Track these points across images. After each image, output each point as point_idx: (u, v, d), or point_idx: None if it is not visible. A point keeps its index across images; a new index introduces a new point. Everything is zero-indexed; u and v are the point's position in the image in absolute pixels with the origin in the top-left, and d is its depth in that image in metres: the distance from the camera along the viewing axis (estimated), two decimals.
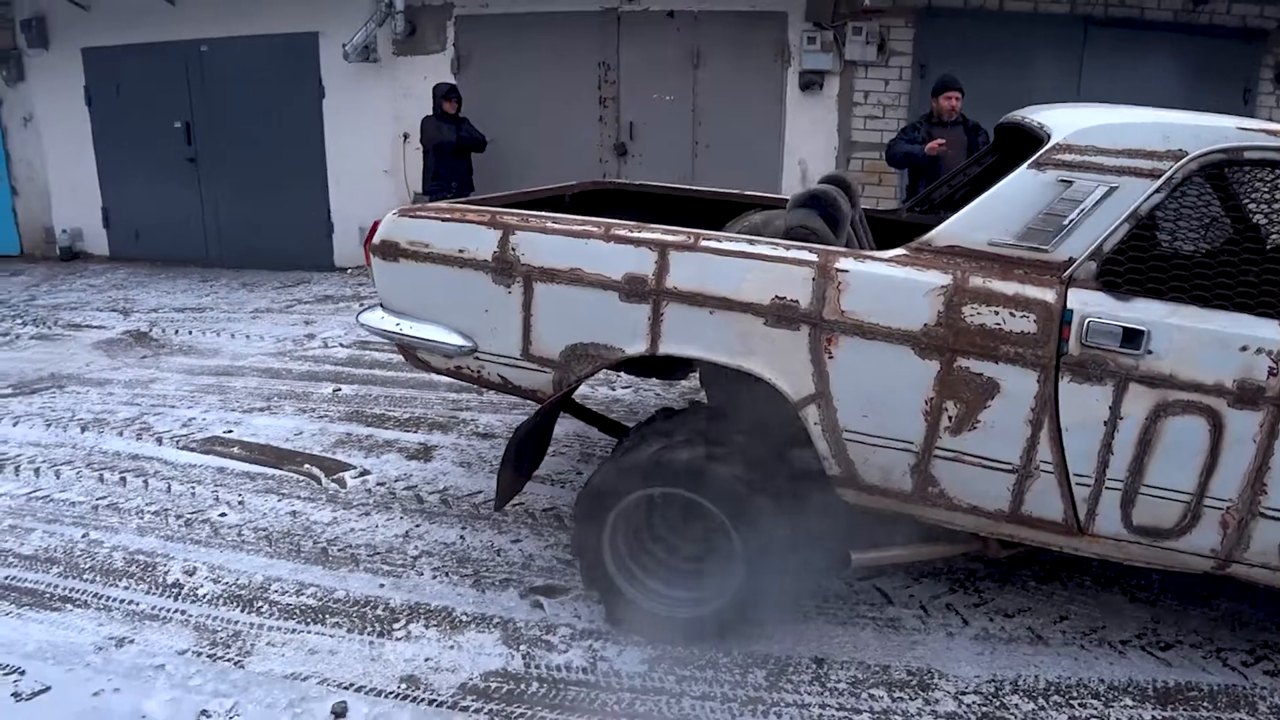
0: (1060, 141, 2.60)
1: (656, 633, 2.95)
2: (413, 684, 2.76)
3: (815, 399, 2.70)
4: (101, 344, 6.86)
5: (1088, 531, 2.65)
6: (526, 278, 2.91)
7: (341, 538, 3.68)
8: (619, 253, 2.82)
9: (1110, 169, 2.52)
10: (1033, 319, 2.51)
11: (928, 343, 2.58)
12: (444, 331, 3.09)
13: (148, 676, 2.82)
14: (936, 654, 2.95)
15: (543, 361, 2.98)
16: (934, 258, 2.64)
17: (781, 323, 2.67)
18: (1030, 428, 2.57)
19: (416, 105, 8.73)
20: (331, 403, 5.35)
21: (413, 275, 3.10)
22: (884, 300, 2.61)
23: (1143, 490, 2.56)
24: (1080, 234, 2.53)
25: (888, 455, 2.71)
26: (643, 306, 2.79)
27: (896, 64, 7.77)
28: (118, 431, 4.93)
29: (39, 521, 3.89)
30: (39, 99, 10.27)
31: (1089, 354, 2.49)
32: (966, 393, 2.59)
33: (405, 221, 3.09)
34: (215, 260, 9.93)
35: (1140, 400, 2.49)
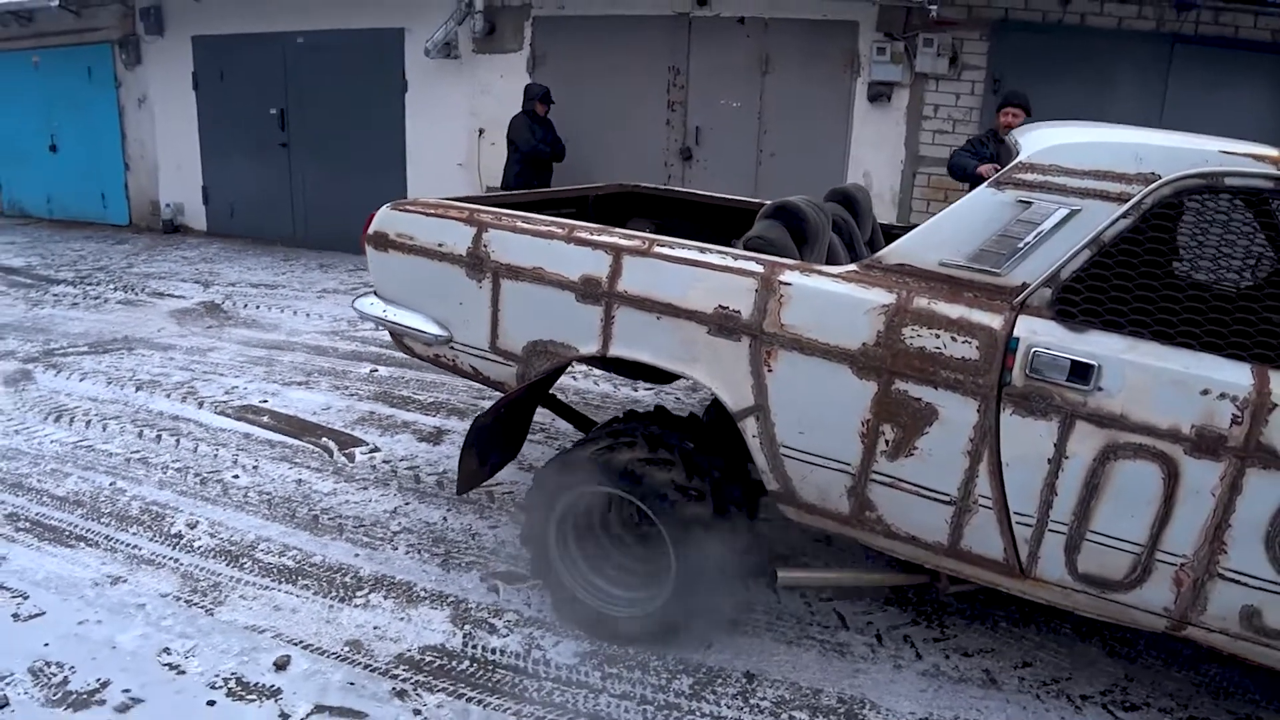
0: (1023, 160, 2.47)
1: (594, 628, 3.02)
2: (355, 648, 2.94)
3: (754, 411, 2.70)
4: (176, 313, 7.31)
5: (1030, 575, 2.51)
6: (495, 273, 3.04)
7: (335, 508, 3.89)
8: (578, 254, 2.90)
9: (1073, 190, 2.37)
10: (975, 345, 2.40)
11: (865, 362, 2.51)
12: (424, 320, 3.26)
13: (129, 613, 3.09)
14: (876, 685, 2.89)
15: (507, 355, 3.10)
16: (882, 275, 2.57)
17: (723, 332, 2.68)
18: (969, 459, 2.46)
19: (493, 101, 9.00)
20: (365, 382, 5.60)
21: (400, 265, 3.27)
22: (824, 316, 2.57)
23: (1089, 536, 2.40)
24: (1036, 258, 2.40)
25: (825, 475, 2.67)
26: (596, 308, 2.86)
27: (969, 78, 7.62)
28: (166, 393, 5.28)
29: (77, 468, 4.24)
30: (152, 82, 10.95)
31: (1033, 386, 2.36)
32: (904, 417, 2.50)
33: (396, 214, 3.27)
34: (300, 240, 10.42)
35: (1088, 439, 2.34)
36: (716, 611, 2.89)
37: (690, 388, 5.52)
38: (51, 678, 2.74)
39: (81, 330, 6.73)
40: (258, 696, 2.69)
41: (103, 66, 11.35)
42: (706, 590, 2.79)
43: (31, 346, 6.27)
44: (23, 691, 2.68)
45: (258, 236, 10.68)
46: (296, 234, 10.45)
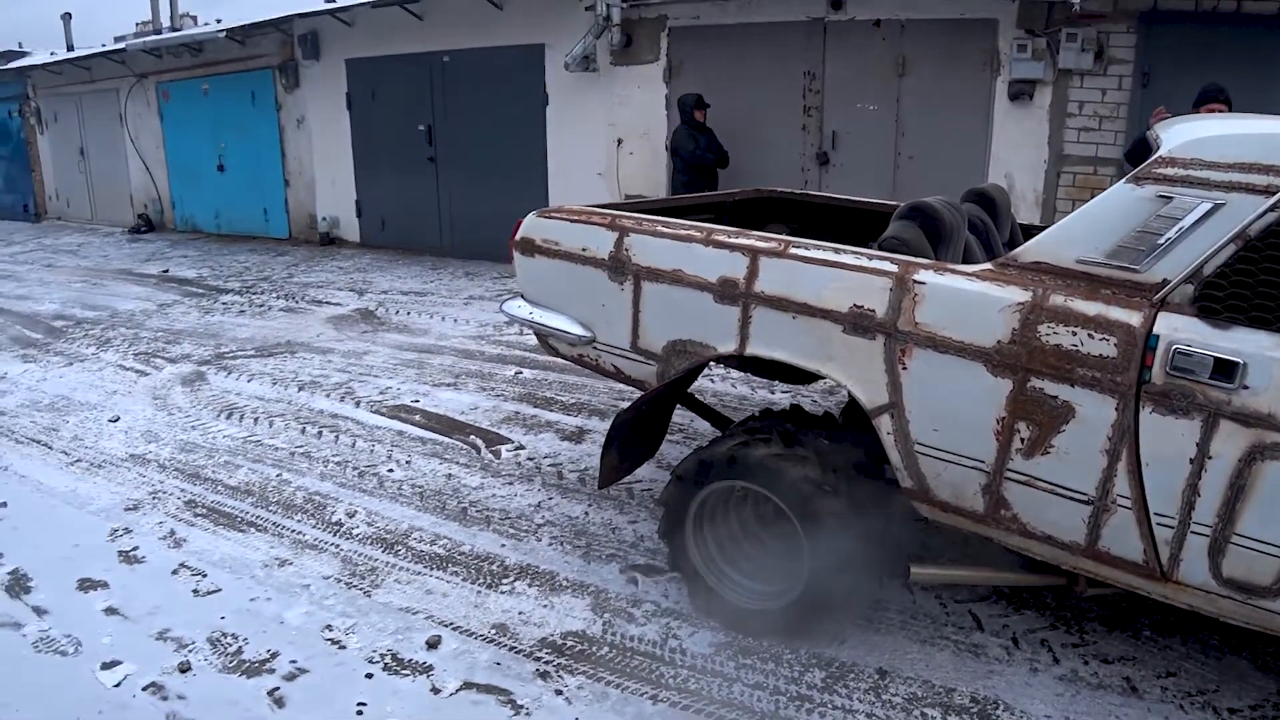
0: (1164, 154, 2.40)
1: (728, 618, 3.09)
2: (501, 631, 3.10)
3: (888, 409, 2.72)
4: (333, 319, 7.77)
5: (1172, 578, 2.42)
6: (636, 276, 3.16)
7: (482, 501, 4.09)
8: (716, 257, 2.99)
9: (1217, 184, 2.29)
10: (1113, 342, 2.34)
11: (1000, 360, 2.49)
12: (569, 321, 3.41)
13: (295, 592, 3.35)
14: (1011, 686, 2.85)
15: (648, 354, 3.21)
16: (1018, 274, 2.54)
17: (858, 331, 2.71)
18: (1107, 458, 2.40)
19: (631, 112, 9.21)
20: (510, 384, 5.83)
21: (545, 269, 3.44)
22: (958, 314, 2.57)
23: (1235, 539, 2.29)
24: (1177, 254, 2.32)
25: (959, 472, 2.66)
26: (733, 308, 2.95)
27: (1115, 72, 7.32)
28: (326, 393, 5.63)
29: (247, 460, 4.59)
30: (310, 103, 11.66)
31: (1174, 384, 2.28)
32: (1039, 414, 2.47)
33: (542, 221, 3.44)
34: (447, 250, 10.88)
35: (1233, 439, 2.23)
36: (849, 608, 2.92)
37: (827, 390, 5.52)
38: (228, 647, 3.01)
39: (248, 335, 7.24)
40: (411, 672, 2.88)
41: (264, 91, 12.16)
42: (839, 586, 2.82)
43: (204, 350, 6.79)
44: (203, 658, 2.94)
45: (407, 247, 11.21)
46: (444, 244, 10.92)
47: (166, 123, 13.81)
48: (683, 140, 8.10)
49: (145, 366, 6.39)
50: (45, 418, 5.34)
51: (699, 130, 8.14)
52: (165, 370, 6.27)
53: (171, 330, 7.50)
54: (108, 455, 4.70)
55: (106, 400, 5.64)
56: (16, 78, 16.33)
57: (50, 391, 5.88)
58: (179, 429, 5.07)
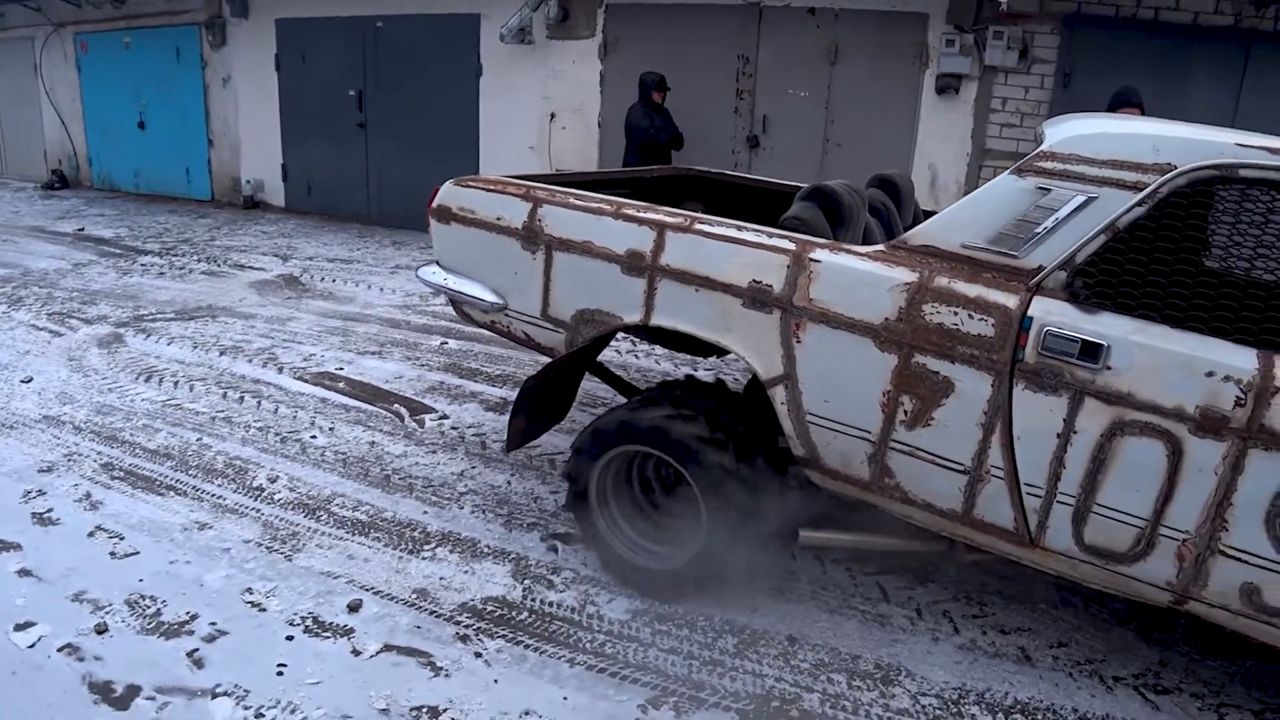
0: (1044, 149, 2.57)
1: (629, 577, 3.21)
2: (422, 595, 3.15)
3: (783, 380, 2.86)
4: (256, 284, 7.65)
5: (1039, 544, 2.62)
6: (548, 246, 3.24)
7: (405, 469, 4.12)
8: (625, 230, 3.09)
9: (1091, 179, 2.47)
10: (991, 323, 2.52)
11: (887, 336, 2.65)
12: (482, 289, 3.48)
13: (215, 556, 3.35)
14: (913, 654, 3.00)
15: (557, 322, 3.31)
16: (907, 255, 2.70)
17: (756, 305, 2.84)
18: (982, 430, 2.58)
19: (565, 86, 9.19)
20: (436, 354, 5.84)
21: (461, 237, 3.50)
22: (850, 292, 2.71)
23: (1095, 509, 2.49)
24: (1052, 242, 2.50)
25: (847, 441, 2.82)
26: (640, 280, 3.05)
27: (1039, 71, 7.58)
28: (248, 358, 5.57)
29: (166, 424, 4.53)
30: (236, 63, 11.36)
31: (1045, 363, 2.47)
32: (922, 389, 2.64)
33: (459, 190, 3.49)
34: (375, 218, 10.74)
35: (1095, 416, 2.43)
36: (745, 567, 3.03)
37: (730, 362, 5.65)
38: (146, 609, 3.00)
39: (168, 298, 7.09)
40: (332, 634, 2.92)
41: (190, 47, 11.79)
42: (736, 545, 2.96)
43: (122, 312, 6.63)
44: (120, 620, 2.94)
45: (334, 214, 11.04)
46: (371, 212, 10.78)
47: (84, 75, 13.29)
48: (637, 117, 8.03)
49: (59, 327, 6.22)
50: None
51: (656, 110, 8.07)
52: (81, 331, 6.11)
53: (87, 291, 7.29)
54: (20, 416, 4.60)
55: (18, 360, 5.49)
56: None
57: None
58: (95, 391, 4.97)
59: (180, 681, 2.67)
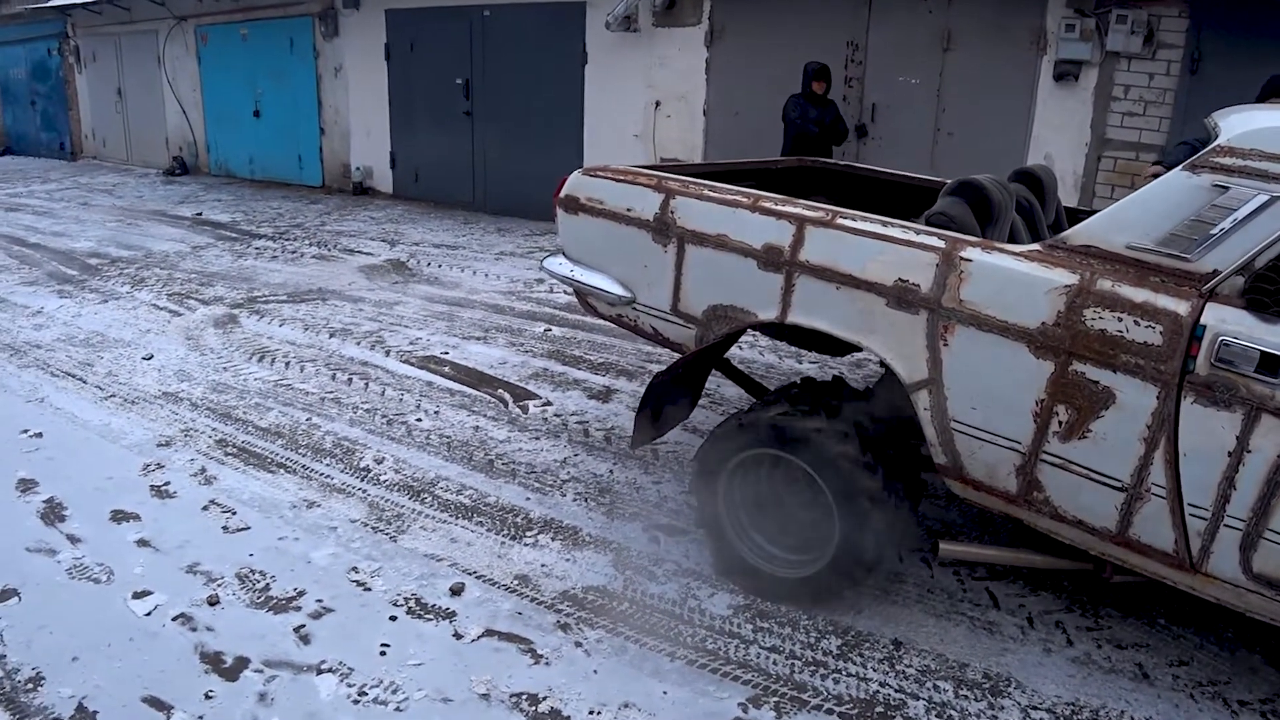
0: (1222, 143, 2.39)
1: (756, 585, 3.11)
2: (523, 582, 3.14)
3: (927, 384, 2.71)
4: (365, 268, 7.82)
5: (1201, 569, 2.42)
6: (680, 239, 3.16)
7: (509, 454, 4.13)
8: (762, 223, 2.98)
9: (1275, 176, 2.27)
10: (1159, 330, 2.33)
11: (1043, 342, 2.49)
12: (609, 281, 3.42)
13: (322, 534, 3.41)
14: (1024, 665, 2.87)
15: (688, 318, 3.22)
16: (1066, 256, 2.53)
17: (902, 305, 2.71)
18: (1144, 446, 2.40)
19: (670, 74, 9.14)
20: (540, 340, 5.87)
21: (589, 228, 3.44)
22: (1004, 294, 2.56)
23: (1267, 535, 2.29)
24: (1230, 245, 2.30)
25: (994, 452, 2.66)
26: (777, 276, 2.95)
27: (1164, 57, 7.18)
28: (356, 341, 5.69)
29: (278, 403, 4.65)
30: (347, 53, 11.65)
31: (1218, 375, 2.27)
32: (1079, 399, 2.47)
33: (587, 180, 3.44)
34: (480, 205, 10.89)
35: (1273, 435, 2.23)
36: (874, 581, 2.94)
37: (855, 363, 5.52)
38: (255, 583, 3.07)
39: (281, 281, 7.30)
40: (434, 617, 2.94)
41: (303, 38, 12.15)
42: (866, 560, 2.85)
43: (237, 294, 6.85)
44: (231, 593, 3.01)
45: (440, 200, 11.23)
46: (476, 199, 10.93)
47: (204, 66, 13.84)
48: (790, 108, 7.71)
49: (179, 307, 6.46)
50: (80, 353, 5.42)
51: (814, 102, 7.66)
52: (198, 311, 6.34)
53: (205, 272, 7.57)
54: (141, 392, 4.78)
55: (140, 338, 5.72)
56: (57, 15, 16.37)
57: (85, 327, 5.97)
58: (211, 369, 5.14)
59: (287, 656, 2.72)
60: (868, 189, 4.53)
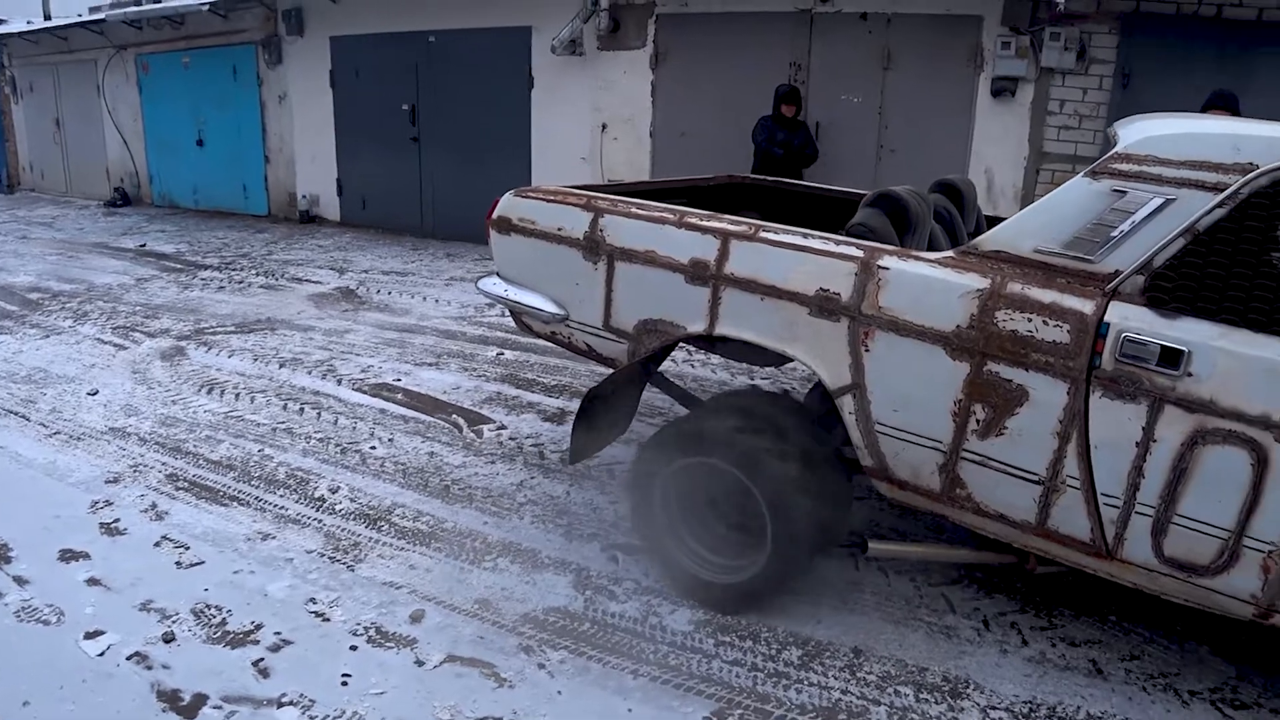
0: (1119, 150, 2.50)
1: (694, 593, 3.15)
2: (484, 606, 3.14)
3: (851, 389, 2.80)
4: (314, 296, 7.75)
5: (1117, 556, 2.54)
6: (610, 256, 3.22)
7: (465, 479, 4.12)
8: (688, 239, 3.06)
9: (1169, 180, 2.39)
10: (1066, 329, 2.45)
11: (959, 344, 2.59)
12: (543, 300, 3.47)
13: (278, 566, 3.37)
14: (981, 667, 2.93)
15: (619, 333, 3.28)
16: (978, 261, 2.63)
17: (823, 313, 2.79)
18: (1058, 440, 2.51)
19: (616, 97, 9.22)
20: (492, 365, 5.86)
21: (521, 248, 3.49)
22: (920, 299, 2.65)
23: (1176, 520, 2.41)
24: (1129, 246, 2.43)
25: (917, 452, 2.75)
26: (704, 289, 3.02)
27: (1097, 72, 7.42)
28: (307, 370, 5.64)
29: (229, 435, 4.59)
30: (292, 80, 11.59)
31: (1122, 370, 2.40)
32: (995, 397, 2.57)
33: (518, 200, 3.49)
34: (429, 231, 10.86)
35: (1176, 424, 2.35)
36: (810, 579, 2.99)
37: (788, 373, 5.59)
38: (212, 619, 3.03)
39: (228, 311, 7.22)
40: (395, 644, 2.92)
41: (246, 66, 12.05)
42: (801, 558, 2.90)
43: (184, 326, 6.76)
44: (187, 629, 2.96)
45: (388, 227, 11.18)
46: (425, 225, 10.90)
47: (145, 95, 13.66)
48: (757, 131, 7.77)
49: (124, 340, 6.36)
50: (22, 389, 5.31)
51: (784, 124, 7.74)
52: (144, 344, 6.24)
53: (150, 305, 7.45)
54: (87, 428, 4.69)
55: (84, 373, 5.62)
56: None
57: (27, 363, 5.84)
58: (159, 403, 5.06)
59: (246, 691, 2.68)
60: (798, 204, 4.62)
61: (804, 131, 7.85)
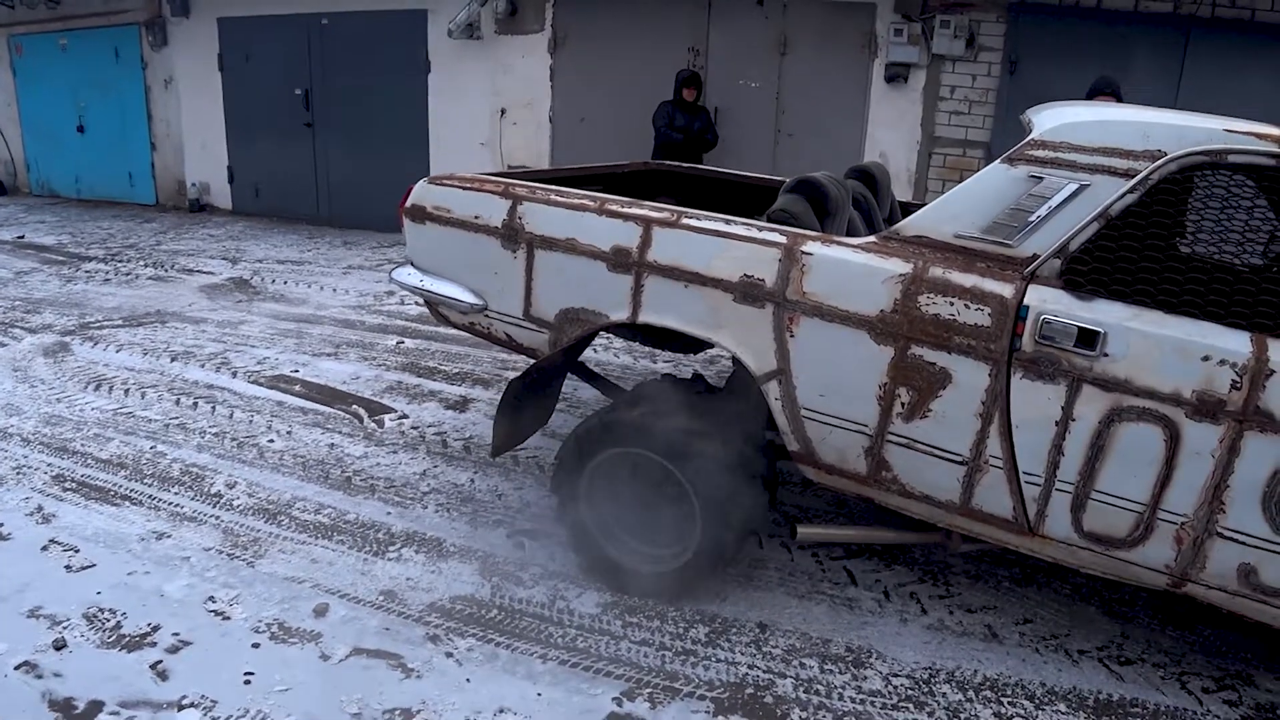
0: (1035, 137, 2.58)
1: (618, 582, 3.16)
2: (389, 597, 3.10)
3: (776, 375, 2.83)
4: (206, 288, 7.50)
5: (1038, 532, 2.63)
6: (529, 244, 3.18)
7: (366, 470, 4.06)
8: (610, 226, 3.04)
9: (1083, 166, 2.48)
10: (987, 312, 2.52)
11: (883, 329, 2.64)
12: (460, 290, 3.41)
13: (174, 565, 3.27)
14: (883, 636, 3.03)
15: (540, 322, 3.25)
16: (900, 246, 2.69)
17: (748, 299, 2.81)
18: (980, 421, 2.58)
19: (515, 81, 9.13)
20: (392, 354, 5.77)
21: (437, 237, 3.42)
22: (844, 284, 2.69)
23: (1094, 495, 2.51)
24: (1046, 231, 2.51)
25: (843, 436, 2.80)
26: (626, 277, 3.01)
27: (985, 59, 7.67)
28: (200, 363, 5.46)
29: (119, 433, 4.42)
30: (178, 63, 11.13)
31: (1042, 351, 2.47)
32: (919, 380, 2.63)
33: (433, 188, 3.42)
34: (324, 219, 10.60)
35: (1093, 403, 2.45)
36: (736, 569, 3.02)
37: (708, 360, 5.66)
38: (105, 622, 2.92)
39: (115, 305, 6.93)
40: (299, 640, 2.86)
41: (129, 48, 11.52)
42: (729, 544, 2.94)
43: (68, 320, 6.46)
44: (79, 635, 2.85)
45: (282, 215, 10.86)
46: (321, 213, 10.63)
47: (20, 78, 12.94)
48: (657, 115, 7.83)
49: (2, 337, 6.05)
50: None
51: (685, 109, 7.79)
52: (25, 341, 5.95)
53: (30, 299, 7.10)
54: None
55: None
56: None
57: None
58: (43, 401, 4.84)
59: (144, 695, 2.60)
60: (712, 190, 4.66)
61: (704, 116, 7.92)
